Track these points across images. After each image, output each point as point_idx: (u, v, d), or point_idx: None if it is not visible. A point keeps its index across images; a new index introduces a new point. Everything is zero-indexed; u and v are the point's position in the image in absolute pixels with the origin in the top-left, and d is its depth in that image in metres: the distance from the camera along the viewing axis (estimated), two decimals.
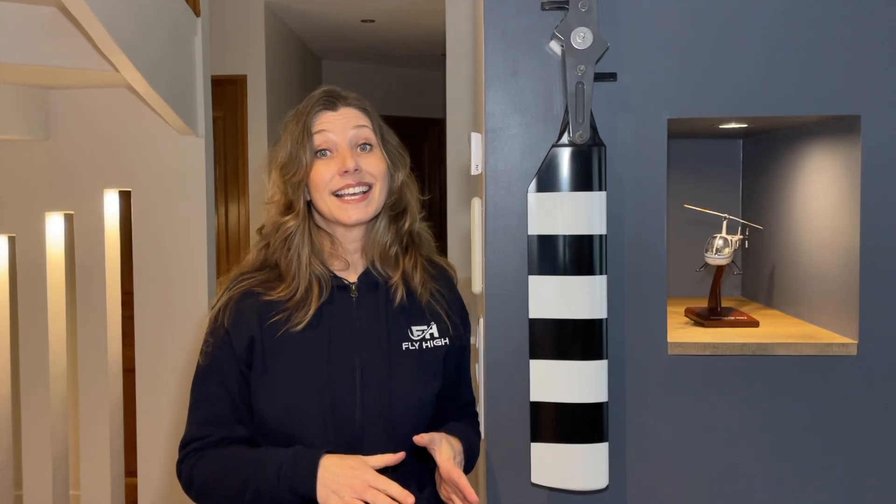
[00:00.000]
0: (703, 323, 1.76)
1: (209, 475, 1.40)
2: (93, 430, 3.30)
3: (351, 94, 1.51)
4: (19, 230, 3.29)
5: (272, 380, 1.42)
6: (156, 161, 3.25)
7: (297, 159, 1.45)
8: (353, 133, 1.46)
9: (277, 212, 1.48)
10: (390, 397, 1.42)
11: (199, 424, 1.44)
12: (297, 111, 1.49)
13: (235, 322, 1.43)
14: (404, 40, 5.79)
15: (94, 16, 2.27)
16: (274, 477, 1.33)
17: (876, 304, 1.54)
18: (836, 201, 1.65)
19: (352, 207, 1.44)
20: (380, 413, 1.42)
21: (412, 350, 1.47)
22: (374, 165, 1.46)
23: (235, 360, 1.43)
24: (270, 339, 1.43)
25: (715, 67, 1.53)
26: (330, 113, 1.47)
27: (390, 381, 1.43)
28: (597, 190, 1.46)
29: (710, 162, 2.26)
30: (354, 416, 1.41)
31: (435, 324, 1.50)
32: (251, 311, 1.44)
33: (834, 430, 1.56)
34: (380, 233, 1.49)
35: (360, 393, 1.42)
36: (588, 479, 1.48)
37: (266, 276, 1.48)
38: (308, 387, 1.41)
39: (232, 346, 1.43)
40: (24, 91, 3.14)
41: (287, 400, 1.41)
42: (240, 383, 1.43)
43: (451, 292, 1.56)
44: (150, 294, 3.26)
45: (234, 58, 4.62)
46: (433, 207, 7.02)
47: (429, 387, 1.48)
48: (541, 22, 1.52)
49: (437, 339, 1.50)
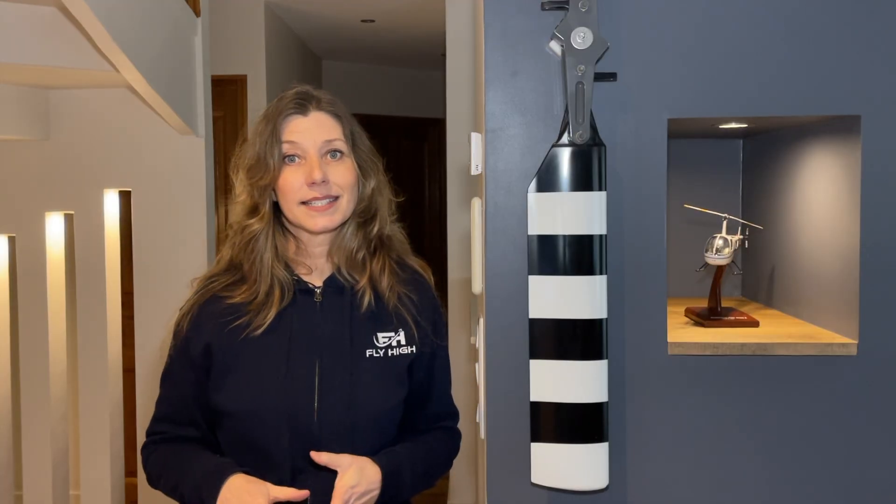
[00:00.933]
0: (703, 323, 1.76)
1: (157, 468, 1.50)
2: (93, 430, 3.30)
3: (324, 96, 1.48)
4: (19, 230, 3.29)
5: (231, 383, 1.43)
6: (156, 161, 3.25)
7: (264, 163, 1.43)
8: (322, 143, 1.44)
9: (243, 213, 1.48)
10: (350, 405, 1.41)
11: (158, 420, 1.52)
12: (267, 111, 1.47)
13: (193, 329, 1.46)
14: (404, 40, 5.79)
15: (94, 16, 2.27)
16: (193, 485, 1.40)
17: (876, 304, 1.54)
18: (836, 201, 1.65)
19: (319, 215, 1.43)
20: (339, 420, 1.41)
21: (377, 357, 1.46)
22: (342, 176, 1.44)
23: (191, 366, 1.47)
24: (231, 343, 1.43)
25: (715, 67, 1.53)
26: (301, 118, 1.44)
27: (351, 388, 1.42)
28: (597, 190, 1.46)
29: (710, 162, 2.26)
30: (312, 421, 1.40)
31: (402, 330, 1.49)
32: (210, 318, 1.45)
33: (834, 430, 1.56)
34: (346, 238, 1.49)
35: (319, 399, 1.41)
36: (588, 479, 1.48)
37: (231, 278, 1.48)
38: (264, 391, 1.41)
39: (189, 353, 1.47)
40: (24, 91, 3.14)
41: (244, 403, 1.42)
42: (193, 388, 1.47)
43: (423, 296, 1.54)
44: (150, 294, 3.26)
45: (234, 58, 4.62)
46: (433, 207, 7.02)
47: (392, 395, 1.46)
48: (541, 22, 1.52)
49: (403, 347, 1.48)
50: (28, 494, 3.30)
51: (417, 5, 4.79)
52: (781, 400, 1.56)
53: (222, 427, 1.46)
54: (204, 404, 1.47)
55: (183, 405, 1.49)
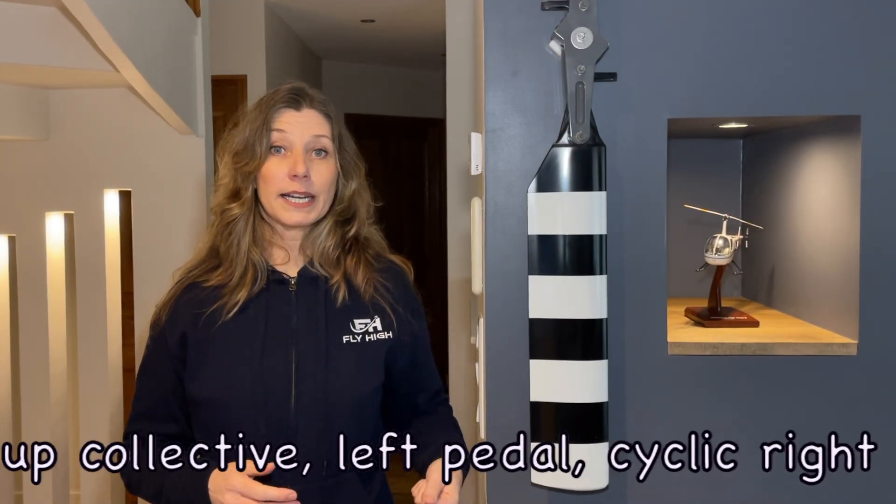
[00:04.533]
0: (703, 323, 1.76)
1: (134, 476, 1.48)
2: (93, 430, 3.30)
3: (317, 96, 1.50)
4: (19, 230, 3.29)
5: (206, 372, 1.43)
6: (156, 161, 3.25)
7: (251, 149, 1.45)
8: (310, 139, 1.46)
9: (224, 196, 1.49)
10: (326, 391, 1.42)
11: (134, 419, 1.52)
12: (260, 101, 1.49)
13: (171, 319, 1.47)
14: (404, 40, 5.79)
15: (94, 16, 2.27)
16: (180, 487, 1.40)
17: (876, 304, 1.54)
18: (836, 201, 1.65)
19: (294, 210, 1.44)
20: (315, 406, 1.41)
21: (353, 343, 1.46)
22: (323, 175, 1.46)
23: (169, 357, 1.47)
24: (206, 330, 1.44)
25: (715, 67, 1.53)
26: (293, 112, 1.47)
27: (326, 374, 1.43)
28: (597, 190, 1.46)
29: (710, 162, 2.26)
30: (289, 408, 1.41)
31: (378, 318, 1.49)
32: (187, 307, 1.47)
33: (834, 430, 1.55)
34: (322, 236, 1.50)
35: (295, 386, 1.42)
36: (588, 479, 1.48)
37: (210, 264, 1.50)
38: (239, 379, 1.41)
39: (167, 345, 1.47)
40: (24, 91, 3.14)
41: (218, 390, 1.42)
42: (172, 381, 1.47)
43: (398, 284, 1.54)
44: (150, 294, 3.26)
45: (234, 58, 4.62)
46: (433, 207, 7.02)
47: (369, 381, 1.47)
48: (541, 22, 1.52)
49: (380, 333, 1.49)
50: (28, 494, 3.30)
51: (417, 5, 4.78)
52: (781, 400, 1.56)
53: (198, 416, 1.46)
54: (181, 396, 1.47)
55: (161, 399, 1.49)
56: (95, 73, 2.79)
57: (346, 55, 6.32)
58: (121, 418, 3.38)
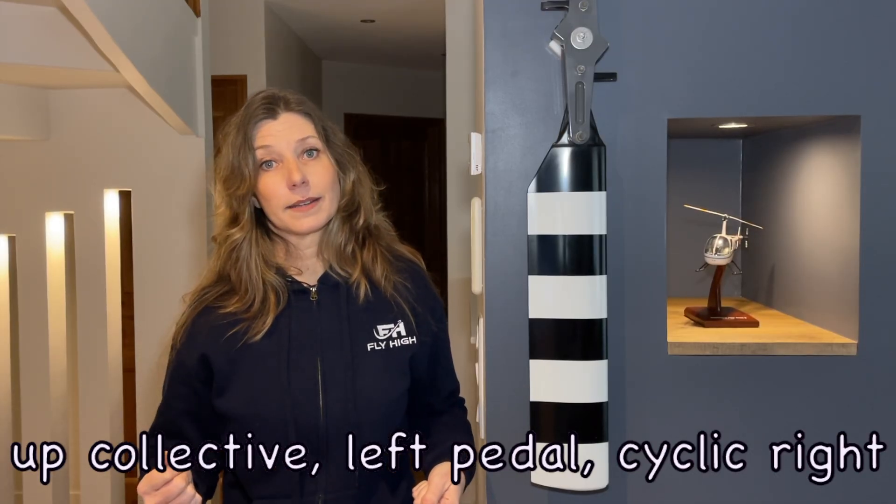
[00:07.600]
0: (703, 323, 1.76)
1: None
2: (93, 430, 3.30)
3: (292, 97, 1.47)
4: (19, 230, 3.29)
5: (234, 389, 1.43)
6: (156, 161, 3.25)
7: (239, 173, 1.43)
8: (296, 143, 1.44)
9: (224, 224, 1.48)
10: (355, 400, 1.42)
11: (153, 429, 1.54)
12: (236, 120, 1.46)
13: (188, 342, 1.47)
14: (404, 40, 5.79)
15: (94, 16, 2.27)
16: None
17: (876, 304, 1.54)
18: (836, 201, 1.65)
19: (304, 216, 1.43)
20: (345, 416, 1.41)
21: (378, 350, 1.46)
22: (321, 176, 1.44)
23: (185, 380, 1.48)
24: (229, 350, 1.43)
25: (715, 67, 1.53)
26: (271, 122, 1.43)
27: (354, 383, 1.42)
28: (597, 190, 1.46)
29: (710, 162, 2.26)
30: (318, 420, 1.41)
31: (402, 321, 1.49)
32: (204, 328, 1.46)
33: (834, 430, 1.55)
34: (334, 234, 1.49)
35: (323, 397, 1.41)
36: (588, 479, 1.48)
37: (223, 288, 1.48)
38: (267, 394, 1.41)
39: (185, 366, 1.47)
40: (24, 91, 3.14)
41: (248, 408, 1.42)
42: (185, 403, 1.49)
43: (418, 284, 1.54)
44: (150, 294, 3.26)
45: (234, 58, 4.62)
46: (433, 207, 7.02)
47: (395, 387, 1.47)
48: (541, 22, 1.52)
49: (404, 338, 1.49)
50: (28, 494, 3.30)
51: (417, 5, 4.79)
52: (781, 400, 1.56)
53: (230, 432, 1.45)
54: (198, 415, 1.48)
55: (173, 419, 1.50)
56: (95, 73, 2.79)
57: (346, 55, 6.32)
58: (121, 418, 3.38)
